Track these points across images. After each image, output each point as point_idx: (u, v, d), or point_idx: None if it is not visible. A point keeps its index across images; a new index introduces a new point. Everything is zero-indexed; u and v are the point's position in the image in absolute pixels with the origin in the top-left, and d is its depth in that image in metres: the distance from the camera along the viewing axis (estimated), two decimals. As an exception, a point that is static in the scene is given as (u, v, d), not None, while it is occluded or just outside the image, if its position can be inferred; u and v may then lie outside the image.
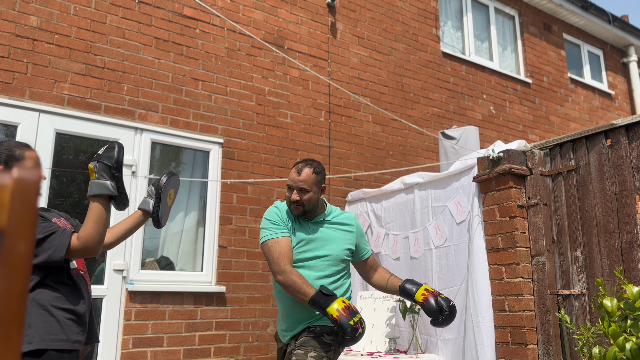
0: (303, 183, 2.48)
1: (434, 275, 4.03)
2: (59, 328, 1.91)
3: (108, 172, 1.98)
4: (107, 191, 1.96)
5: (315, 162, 2.60)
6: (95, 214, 1.95)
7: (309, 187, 2.49)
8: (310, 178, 2.49)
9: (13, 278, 0.53)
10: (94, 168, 1.98)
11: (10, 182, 0.54)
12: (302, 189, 2.48)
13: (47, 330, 1.88)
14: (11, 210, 0.53)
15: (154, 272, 4.20)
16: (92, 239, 1.94)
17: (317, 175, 2.52)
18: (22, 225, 0.54)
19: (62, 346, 1.90)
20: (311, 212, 2.57)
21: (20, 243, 0.53)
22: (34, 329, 1.86)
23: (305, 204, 2.49)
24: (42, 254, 1.91)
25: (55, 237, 1.93)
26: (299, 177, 2.49)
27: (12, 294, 0.52)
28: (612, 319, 1.74)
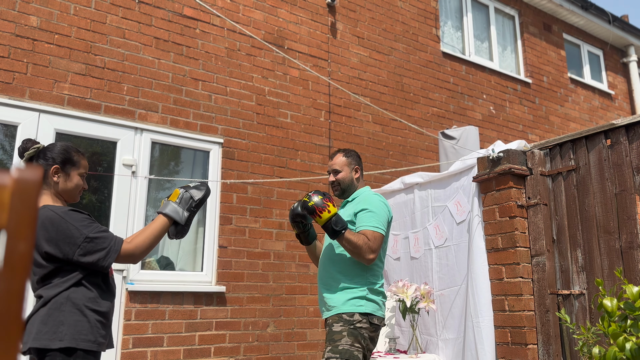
0: (334, 164, 2.91)
1: (434, 275, 4.03)
2: (89, 329, 1.96)
3: (188, 204, 2.20)
4: (177, 217, 2.15)
5: (348, 149, 3.00)
6: (155, 229, 2.11)
7: (340, 167, 2.89)
8: (340, 160, 2.91)
9: (13, 278, 0.53)
10: (180, 194, 2.21)
11: (10, 182, 0.54)
12: (335, 170, 2.90)
13: (78, 329, 1.93)
14: (11, 210, 0.53)
15: (154, 272, 4.20)
16: (141, 249, 2.07)
17: (346, 158, 2.91)
18: (22, 225, 0.54)
19: (90, 347, 1.95)
20: (349, 192, 2.90)
21: (20, 243, 0.53)
22: (66, 327, 1.92)
23: (340, 182, 2.88)
24: (91, 255, 1.97)
25: (108, 241, 2.01)
26: (332, 161, 2.94)
27: (12, 294, 0.52)
28: (612, 319, 1.74)
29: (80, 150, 2.20)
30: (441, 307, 3.91)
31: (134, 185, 4.18)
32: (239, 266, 4.51)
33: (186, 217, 2.18)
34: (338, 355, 2.47)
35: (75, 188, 2.16)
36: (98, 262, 1.97)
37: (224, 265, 4.43)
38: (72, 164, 2.13)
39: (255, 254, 4.61)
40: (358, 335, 2.53)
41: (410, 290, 3.88)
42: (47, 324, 1.91)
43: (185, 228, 2.20)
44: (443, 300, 3.91)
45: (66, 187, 2.13)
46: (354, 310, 2.58)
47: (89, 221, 2.04)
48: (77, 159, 2.15)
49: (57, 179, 2.10)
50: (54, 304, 1.95)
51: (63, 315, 1.93)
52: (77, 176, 2.16)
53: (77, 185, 2.16)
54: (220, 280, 4.39)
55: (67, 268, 1.98)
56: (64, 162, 2.10)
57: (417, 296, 3.88)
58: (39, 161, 2.10)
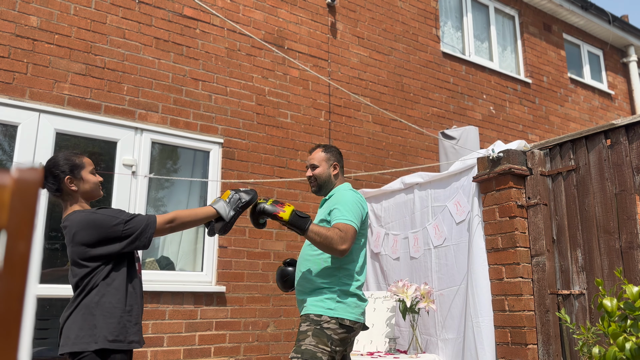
0: (312, 159, 2.86)
1: (434, 275, 4.03)
2: (120, 330, 2.09)
3: (235, 204, 2.37)
4: (224, 214, 2.33)
5: (329, 145, 2.96)
6: (200, 213, 2.31)
7: (318, 163, 2.84)
8: (319, 155, 2.86)
9: (13, 278, 0.53)
10: (230, 194, 2.40)
11: (10, 182, 0.54)
12: (312, 165, 2.85)
13: (110, 331, 2.06)
14: (11, 210, 0.53)
15: (154, 272, 4.20)
16: (182, 220, 2.25)
17: (325, 153, 2.86)
18: (22, 225, 0.54)
19: (121, 347, 2.08)
20: (325, 189, 2.86)
21: (20, 243, 0.53)
22: (99, 330, 2.04)
23: (317, 178, 2.83)
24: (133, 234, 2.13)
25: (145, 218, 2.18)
26: (310, 155, 2.90)
27: (12, 294, 0.52)
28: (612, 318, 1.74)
29: (76, 152, 2.33)
30: (440, 307, 3.91)
31: (134, 185, 4.18)
32: (239, 266, 4.51)
33: (231, 215, 2.35)
34: (299, 355, 2.41)
35: (95, 185, 2.30)
36: (139, 239, 2.13)
37: (224, 265, 4.43)
38: (79, 167, 2.25)
39: (255, 253, 4.61)
40: (324, 336, 2.45)
41: (410, 290, 3.88)
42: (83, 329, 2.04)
43: (229, 225, 2.36)
44: (442, 300, 3.91)
45: (85, 189, 2.26)
46: (322, 312, 2.51)
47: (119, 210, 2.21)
48: (80, 161, 2.26)
49: (74, 187, 2.23)
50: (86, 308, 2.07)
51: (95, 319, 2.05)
52: (89, 174, 2.28)
53: (94, 182, 2.29)
54: (220, 280, 4.39)
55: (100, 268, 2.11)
56: (72, 169, 2.22)
57: (417, 296, 3.88)
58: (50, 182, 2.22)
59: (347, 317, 2.53)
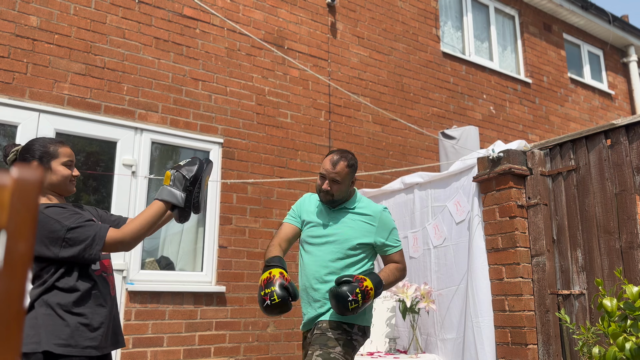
0: (336, 175, 2.55)
1: (433, 275, 4.03)
2: (69, 333, 1.86)
3: (182, 184, 2.03)
4: (175, 200, 2.00)
5: (350, 154, 2.64)
6: (149, 214, 1.97)
7: (341, 179, 2.56)
8: (344, 171, 2.56)
9: (13, 278, 0.53)
10: (171, 175, 2.04)
11: (10, 182, 0.54)
12: (335, 180, 2.56)
13: (57, 334, 1.84)
14: (11, 210, 0.53)
15: (154, 272, 4.20)
16: (133, 234, 1.93)
17: (350, 169, 2.58)
18: (22, 225, 0.54)
19: (69, 352, 1.85)
20: (337, 202, 2.65)
21: (20, 243, 0.53)
22: (43, 331, 1.83)
23: (335, 194, 2.59)
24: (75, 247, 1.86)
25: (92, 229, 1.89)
26: (333, 169, 2.56)
27: (12, 294, 0.52)
28: (612, 318, 1.74)
29: (59, 140, 2.09)
30: (440, 307, 3.91)
31: (133, 185, 4.18)
32: (239, 266, 4.51)
33: (184, 198, 2.02)
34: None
35: (63, 179, 2.04)
36: (84, 253, 1.86)
37: (224, 265, 4.43)
38: (51, 155, 2.02)
39: (255, 254, 4.61)
40: (351, 347, 2.47)
41: (410, 291, 3.88)
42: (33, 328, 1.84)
43: (187, 210, 2.05)
44: (442, 300, 3.91)
45: (52, 180, 2.02)
46: (354, 321, 2.50)
47: (71, 213, 1.93)
48: (55, 150, 2.03)
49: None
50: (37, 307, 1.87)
51: (41, 319, 1.84)
52: (60, 166, 2.03)
53: (64, 175, 2.04)
54: (220, 280, 4.39)
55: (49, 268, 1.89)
56: (42, 156, 2.00)
57: (417, 296, 3.88)
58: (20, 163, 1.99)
59: (369, 324, 2.62)
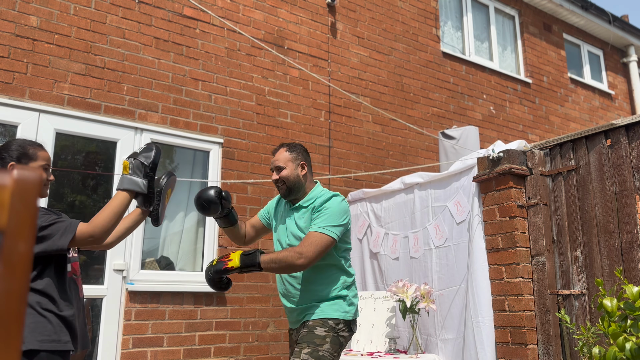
0: (278, 161, 2.65)
1: (434, 275, 4.03)
2: (52, 329, 1.89)
3: (142, 171, 2.04)
4: (137, 188, 2.01)
5: (294, 143, 2.75)
6: (115, 205, 1.98)
7: (283, 164, 2.63)
8: (283, 155, 2.65)
9: (13, 278, 0.53)
10: (129, 164, 2.04)
11: (10, 182, 0.54)
12: (278, 167, 2.64)
13: (40, 331, 1.86)
14: (11, 210, 0.53)
15: (154, 272, 4.20)
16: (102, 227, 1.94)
17: (290, 153, 2.66)
18: (22, 225, 0.54)
19: (54, 347, 1.87)
20: (296, 192, 2.66)
21: (20, 243, 0.53)
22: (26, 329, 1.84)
23: (285, 180, 2.63)
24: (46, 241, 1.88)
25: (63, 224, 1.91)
26: (274, 157, 2.69)
27: (12, 294, 0.52)
28: (612, 319, 1.74)
29: (38, 143, 2.12)
30: (440, 307, 3.91)
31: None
32: (239, 266, 4.50)
33: (146, 184, 2.03)
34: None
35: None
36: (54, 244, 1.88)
37: (224, 265, 4.43)
38: (29, 157, 2.04)
39: (255, 254, 4.60)
40: (338, 343, 2.49)
41: (410, 291, 3.88)
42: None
43: (151, 197, 2.06)
44: (442, 300, 3.91)
45: None
46: (340, 317, 2.52)
47: (43, 212, 1.96)
48: (33, 152, 2.06)
49: None
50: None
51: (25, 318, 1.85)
52: (39, 169, 2.05)
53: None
54: (220, 280, 4.38)
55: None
56: (19, 157, 2.03)
57: (417, 296, 3.88)
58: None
59: (355, 318, 2.62)
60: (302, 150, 2.72)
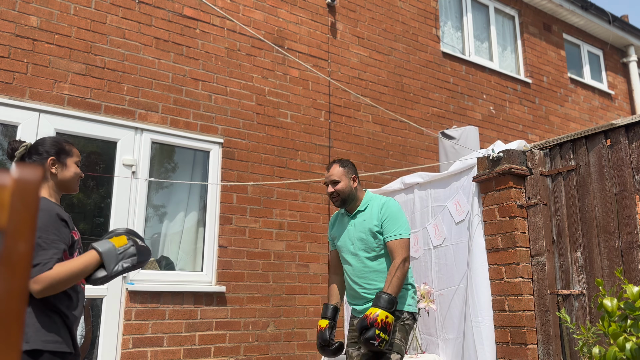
0: (333, 176, 2.95)
1: (433, 275, 4.03)
2: (57, 330, 1.89)
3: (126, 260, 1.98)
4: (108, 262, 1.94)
5: (343, 159, 3.09)
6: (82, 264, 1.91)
7: (338, 178, 2.94)
8: (337, 170, 2.96)
9: (13, 278, 0.53)
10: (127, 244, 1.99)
11: (10, 182, 0.54)
12: (333, 181, 2.94)
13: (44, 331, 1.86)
14: (11, 210, 0.53)
15: (154, 272, 4.20)
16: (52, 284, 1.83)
17: (343, 168, 2.97)
18: (22, 225, 0.54)
19: (58, 348, 1.87)
20: (350, 202, 2.98)
21: (20, 243, 0.53)
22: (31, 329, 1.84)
23: (340, 193, 2.94)
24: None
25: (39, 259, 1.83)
26: (329, 172, 2.99)
27: (12, 294, 0.52)
28: (612, 318, 1.74)
29: (69, 140, 2.21)
30: (440, 307, 3.91)
31: (134, 185, 4.18)
32: (239, 266, 4.51)
33: (116, 271, 1.96)
34: (390, 347, 2.70)
35: (74, 176, 2.14)
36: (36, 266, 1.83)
37: (224, 265, 4.43)
38: (66, 153, 2.12)
39: (255, 254, 4.61)
40: (404, 331, 2.78)
41: (410, 290, 3.88)
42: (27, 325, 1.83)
43: (106, 280, 1.97)
44: (442, 300, 3.91)
45: (65, 176, 2.11)
46: (403, 308, 2.83)
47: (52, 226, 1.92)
48: (70, 148, 2.15)
49: (55, 170, 2.08)
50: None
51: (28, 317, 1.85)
52: (74, 164, 2.15)
53: (75, 173, 2.14)
54: (220, 280, 4.39)
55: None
56: (58, 152, 2.09)
57: (417, 296, 3.88)
58: (32, 158, 2.07)
59: (416, 311, 2.94)
60: (352, 165, 3.05)
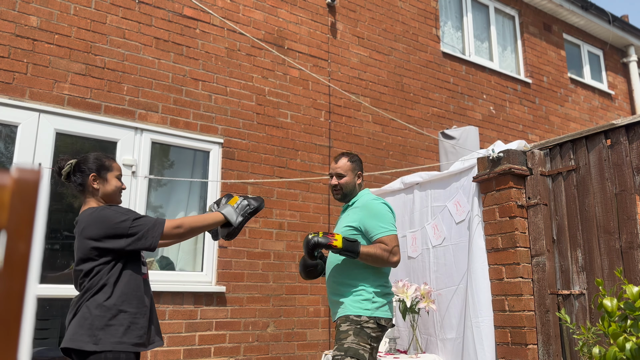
0: (339, 169, 2.91)
1: (432, 274, 4.03)
2: (123, 332, 2.08)
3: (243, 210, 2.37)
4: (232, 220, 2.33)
5: (352, 153, 3.04)
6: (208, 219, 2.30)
7: (344, 172, 2.91)
8: (345, 164, 2.93)
9: (13, 278, 0.53)
10: (239, 200, 2.39)
11: (10, 182, 0.54)
12: (339, 174, 2.91)
13: (112, 333, 2.07)
14: (11, 210, 0.53)
15: (154, 272, 4.20)
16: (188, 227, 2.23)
17: (351, 163, 2.94)
18: (22, 225, 0.54)
19: (124, 348, 2.07)
20: (349, 197, 2.94)
21: (20, 243, 0.53)
22: (102, 331, 2.05)
23: (343, 187, 2.91)
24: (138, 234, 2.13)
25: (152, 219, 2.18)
26: (336, 164, 2.94)
27: (12, 294, 0.52)
28: (612, 318, 1.74)
29: (110, 156, 2.39)
30: (439, 307, 3.91)
31: (134, 185, 4.18)
32: (239, 266, 4.51)
33: (240, 221, 2.34)
34: (343, 352, 2.55)
35: (116, 190, 2.33)
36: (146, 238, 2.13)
37: (224, 265, 4.43)
38: (107, 168, 2.32)
39: (255, 253, 4.61)
40: (364, 335, 2.61)
41: (410, 291, 3.88)
42: (83, 327, 2.04)
43: (236, 231, 2.37)
44: (441, 300, 3.90)
45: (106, 190, 2.30)
46: (361, 312, 2.66)
47: (131, 210, 2.24)
48: (109, 164, 2.34)
49: (97, 185, 2.28)
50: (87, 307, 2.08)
51: (97, 320, 2.06)
52: (114, 178, 2.33)
53: (117, 186, 2.33)
54: (220, 280, 4.39)
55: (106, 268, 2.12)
56: (99, 169, 2.29)
57: (417, 296, 3.88)
58: (76, 176, 2.28)
59: (383, 316, 2.72)
60: (360, 161, 3.00)
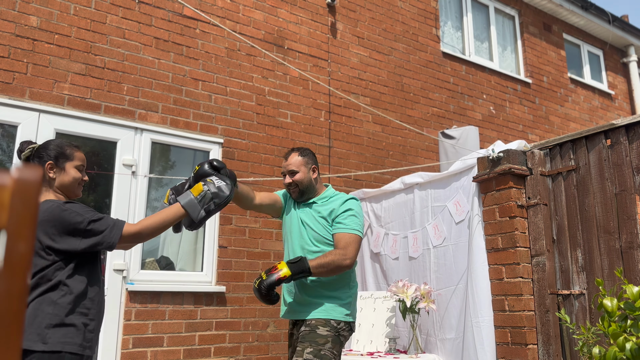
0: (291, 166, 2.75)
1: (432, 274, 4.03)
2: (75, 332, 1.93)
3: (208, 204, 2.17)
4: (193, 214, 2.14)
5: (303, 148, 2.86)
6: (169, 217, 2.13)
7: (296, 168, 2.74)
8: (296, 159, 2.75)
9: (13, 278, 0.53)
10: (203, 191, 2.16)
11: (10, 182, 0.54)
12: (291, 171, 2.74)
13: (64, 332, 1.90)
14: (11, 210, 0.53)
15: (154, 272, 4.20)
16: (148, 231, 2.08)
17: (302, 158, 2.76)
18: (22, 225, 0.54)
19: (77, 350, 1.92)
20: (308, 194, 2.78)
21: (20, 243, 0.53)
22: (51, 330, 1.89)
23: (298, 184, 2.73)
24: (95, 236, 1.98)
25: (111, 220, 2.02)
26: (287, 161, 2.78)
27: (12, 294, 0.52)
28: (612, 318, 1.74)
29: (75, 144, 2.20)
30: (439, 307, 3.91)
31: (133, 185, 4.18)
32: (239, 266, 4.51)
33: (202, 217, 2.15)
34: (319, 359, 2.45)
35: (73, 181, 2.14)
36: (103, 240, 1.98)
37: (224, 265, 4.43)
38: (66, 157, 2.13)
39: (255, 253, 4.61)
40: (339, 342, 2.56)
41: (410, 290, 3.88)
42: (33, 325, 1.87)
43: (196, 225, 2.17)
44: (441, 300, 3.91)
45: (63, 181, 2.12)
46: (342, 318, 2.60)
47: (89, 209, 2.05)
48: (71, 152, 2.15)
49: (53, 174, 2.10)
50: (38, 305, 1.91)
51: (48, 319, 1.89)
52: (73, 169, 2.14)
53: (75, 178, 2.14)
54: (220, 280, 4.39)
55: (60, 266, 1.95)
56: (57, 157, 2.11)
57: (417, 296, 3.88)
58: (34, 161, 2.12)
59: (354, 320, 2.70)
60: (312, 155, 2.83)
